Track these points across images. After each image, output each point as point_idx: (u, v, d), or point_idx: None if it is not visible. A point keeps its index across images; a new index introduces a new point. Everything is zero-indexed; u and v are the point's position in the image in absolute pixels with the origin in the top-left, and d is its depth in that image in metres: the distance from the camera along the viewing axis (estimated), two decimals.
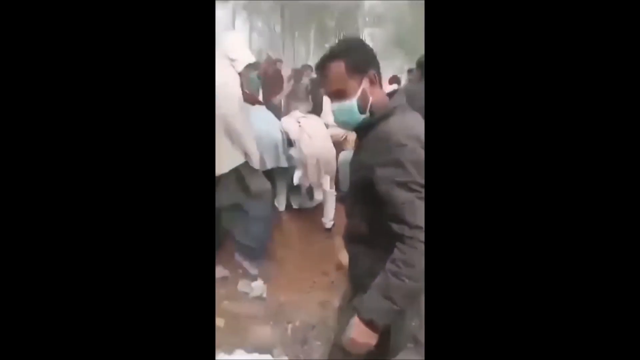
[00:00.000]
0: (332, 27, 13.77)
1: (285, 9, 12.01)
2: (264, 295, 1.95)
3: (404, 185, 0.76)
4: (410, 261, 0.73)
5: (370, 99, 0.85)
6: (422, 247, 0.72)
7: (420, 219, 0.74)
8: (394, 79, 4.65)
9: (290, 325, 1.78)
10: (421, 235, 0.73)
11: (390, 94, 0.92)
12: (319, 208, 2.60)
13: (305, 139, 2.24)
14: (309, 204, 2.53)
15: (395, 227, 0.77)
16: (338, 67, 0.85)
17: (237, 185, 1.87)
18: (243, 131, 1.82)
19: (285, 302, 1.92)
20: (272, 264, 2.12)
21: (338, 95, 0.86)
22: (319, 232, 2.61)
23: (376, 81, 0.87)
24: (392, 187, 0.77)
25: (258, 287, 1.96)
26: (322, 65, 0.88)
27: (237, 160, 1.83)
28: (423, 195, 0.75)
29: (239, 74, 1.85)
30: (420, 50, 2.26)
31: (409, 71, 4.26)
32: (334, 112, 0.89)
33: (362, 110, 0.85)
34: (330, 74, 0.86)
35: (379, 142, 0.82)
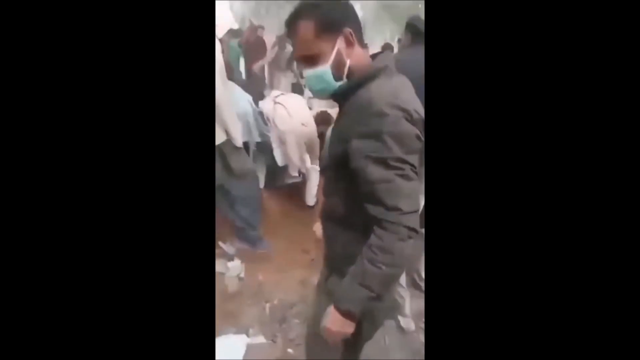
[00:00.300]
0: None
1: None
2: (242, 275, 1.91)
3: (381, 161, 0.67)
4: (387, 247, 0.67)
5: (348, 61, 0.73)
6: (402, 230, 0.66)
7: (400, 200, 0.66)
8: (387, 47, 4.42)
9: (268, 305, 1.76)
10: (402, 219, 0.66)
11: (374, 56, 0.79)
12: (303, 185, 2.55)
13: (282, 116, 2.14)
14: (288, 181, 2.47)
15: (370, 208, 0.69)
16: (306, 28, 0.71)
17: (219, 165, 1.74)
18: (225, 107, 1.66)
19: (264, 282, 1.90)
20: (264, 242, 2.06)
21: (309, 60, 0.73)
22: (302, 209, 2.57)
23: (353, 40, 0.73)
24: (368, 162, 0.67)
25: (235, 267, 1.91)
26: (290, 27, 0.74)
27: (219, 138, 1.69)
28: (407, 173, 0.67)
29: (220, 40, 1.66)
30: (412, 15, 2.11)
31: (399, 40, 4.05)
32: (306, 80, 0.77)
33: (337, 76, 0.73)
34: (298, 36, 0.73)
35: (358, 111, 0.71)
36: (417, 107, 0.70)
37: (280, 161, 2.29)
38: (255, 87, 3.50)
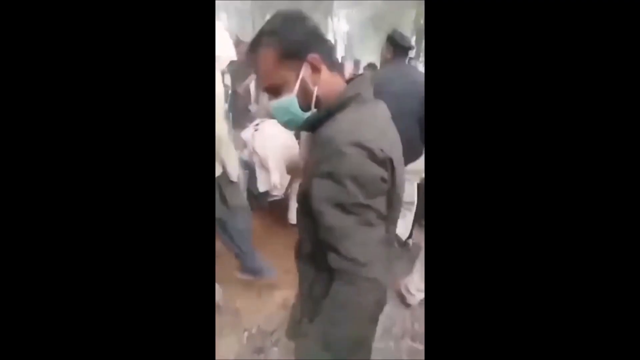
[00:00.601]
0: (307, 8, 13.24)
1: None
2: (220, 303, 1.81)
3: (340, 206, 0.58)
4: (347, 303, 0.58)
5: (315, 90, 0.65)
6: (362, 285, 0.58)
7: (359, 249, 0.58)
8: (370, 67, 4.37)
9: (246, 334, 1.65)
10: (360, 271, 0.57)
11: (350, 80, 0.71)
12: (286, 201, 2.50)
13: (261, 142, 2.15)
14: (270, 199, 2.43)
15: (329, 256, 0.61)
16: (267, 56, 0.64)
17: (217, 198, 1.65)
18: (224, 140, 1.59)
19: (242, 308, 1.80)
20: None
21: (273, 90, 0.66)
22: (284, 227, 2.49)
23: (320, 67, 0.65)
24: (327, 206, 0.59)
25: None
26: (251, 56, 0.66)
27: (216, 171, 1.60)
28: (368, 219, 0.59)
29: (222, 72, 1.59)
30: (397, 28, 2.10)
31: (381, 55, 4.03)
32: (273, 112, 0.69)
33: (304, 106, 0.66)
34: (259, 65, 0.65)
35: (321, 147, 0.62)
36: (385, 144, 0.61)
37: (261, 187, 2.28)
38: (241, 103, 3.47)
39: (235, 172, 1.70)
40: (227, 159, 1.62)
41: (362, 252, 0.58)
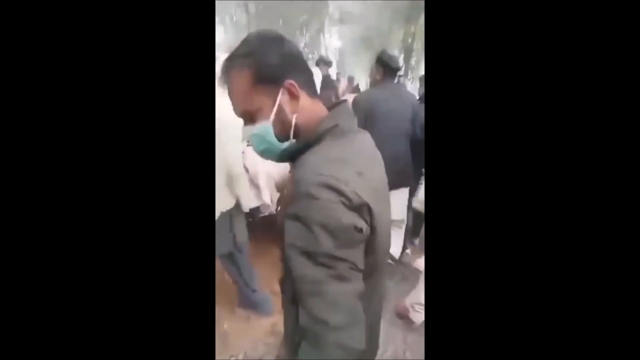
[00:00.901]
0: (300, 23, 13.47)
1: (249, 4, 11.62)
2: None
3: (309, 255, 0.51)
4: None
5: (293, 118, 0.59)
6: (332, 351, 0.51)
7: (329, 310, 0.50)
8: (354, 89, 4.33)
9: None
10: (329, 336, 0.50)
11: (332, 107, 0.64)
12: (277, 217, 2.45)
13: (252, 159, 2.14)
14: (261, 215, 2.40)
15: (300, 311, 0.53)
16: (241, 79, 0.58)
17: (228, 232, 1.61)
18: (241, 177, 1.57)
19: (230, 331, 1.73)
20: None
21: (248, 116, 0.60)
22: (274, 242, 2.44)
23: (298, 93, 0.59)
24: (295, 253, 0.52)
25: None
26: (224, 77, 0.60)
27: (228, 203, 1.57)
28: (340, 273, 0.51)
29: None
30: (386, 47, 2.12)
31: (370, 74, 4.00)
32: (250, 140, 0.62)
33: (280, 135, 0.60)
34: (233, 88, 0.59)
35: (293, 185, 0.54)
36: (362, 186, 0.53)
37: (252, 204, 2.25)
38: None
39: (248, 204, 1.68)
40: (241, 192, 1.60)
41: (332, 313, 0.50)
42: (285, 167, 2.26)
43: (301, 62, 0.61)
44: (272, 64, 0.58)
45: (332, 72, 5.22)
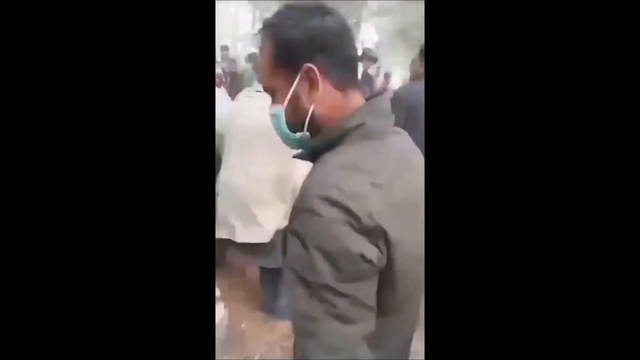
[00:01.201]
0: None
1: None
2: (225, 322, 1.74)
3: (305, 284, 0.42)
4: None
5: (311, 109, 0.49)
6: None
7: (325, 356, 0.41)
8: (378, 93, 4.07)
9: None
10: None
11: (370, 98, 0.54)
12: None
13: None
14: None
15: (297, 342, 0.45)
16: (265, 52, 0.51)
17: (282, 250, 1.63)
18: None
19: (247, 330, 1.71)
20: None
21: (269, 93, 0.53)
22: None
23: (317, 80, 0.48)
24: (292, 278, 0.43)
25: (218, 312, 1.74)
26: (260, 45, 0.52)
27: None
28: (340, 312, 0.41)
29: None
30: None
31: (411, 65, 3.52)
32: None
33: (292, 124, 0.51)
34: (261, 59, 0.52)
35: (298, 196, 0.46)
36: (378, 204, 0.43)
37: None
38: None
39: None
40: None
41: (330, 358, 0.41)
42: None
43: (332, 41, 0.49)
44: (290, 44, 0.48)
45: (373, 65, 4.94)
